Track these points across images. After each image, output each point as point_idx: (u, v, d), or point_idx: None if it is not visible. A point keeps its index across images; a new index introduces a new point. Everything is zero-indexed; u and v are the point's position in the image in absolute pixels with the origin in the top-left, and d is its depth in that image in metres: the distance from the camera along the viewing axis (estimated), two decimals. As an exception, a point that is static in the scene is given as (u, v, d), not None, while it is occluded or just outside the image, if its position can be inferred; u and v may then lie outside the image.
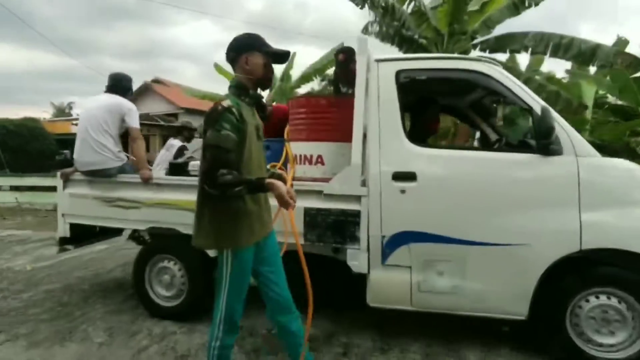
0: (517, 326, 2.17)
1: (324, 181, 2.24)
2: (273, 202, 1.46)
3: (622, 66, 6.04)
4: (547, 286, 1.92)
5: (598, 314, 1.89)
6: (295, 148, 2.57)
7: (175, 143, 4.09)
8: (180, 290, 2.60)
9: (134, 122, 2.73)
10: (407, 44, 8.23)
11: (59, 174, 2.80)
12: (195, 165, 2.78)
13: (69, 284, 3.38)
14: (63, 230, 2.79)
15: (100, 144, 2.61)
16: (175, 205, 2.47)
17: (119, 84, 2.88)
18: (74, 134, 2.98)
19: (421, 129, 2.82)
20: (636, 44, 12.61)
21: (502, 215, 1.95)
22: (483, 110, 3.01)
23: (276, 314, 1.60)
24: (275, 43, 1.52)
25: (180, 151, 3.86)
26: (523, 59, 9.66)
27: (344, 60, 3.73)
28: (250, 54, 1.45)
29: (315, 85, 14.13)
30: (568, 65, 8.41)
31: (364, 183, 2.13)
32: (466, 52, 7.39)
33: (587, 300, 1.91)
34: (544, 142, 1.84)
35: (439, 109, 2.95)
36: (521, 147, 2.28)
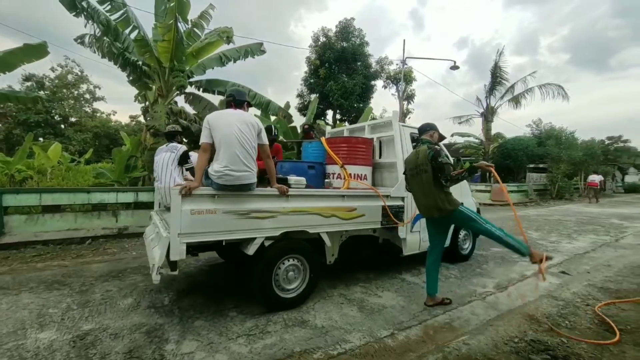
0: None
1: (372, 189, 3.86)
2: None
3: (281, 117, 9.74)
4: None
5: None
6: (349, 169, 3.96)
7: (178, 145, 3.83)
8: (302, 281, 3.19)
9: (266, 139, 2.95)
10: (131, 67, 8.10)
11: (177, 189, 2.46)
12: (297, 179, 3.38)
13: None
14: (178, 253, 2.49)
15: (251, 159, 2.74)
16: (307, 211, 3.14)
17: (243, 98, 2.99)
18: None
19: None
20: (294, 106, 19.86)
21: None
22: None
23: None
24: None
25: (186, 153, 3.80)
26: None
27: (306, 129, 5.60)
28: (435, 132, 3.18)
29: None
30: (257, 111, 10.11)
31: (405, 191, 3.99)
32: (183, 86, 8.43)
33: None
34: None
35: None
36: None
